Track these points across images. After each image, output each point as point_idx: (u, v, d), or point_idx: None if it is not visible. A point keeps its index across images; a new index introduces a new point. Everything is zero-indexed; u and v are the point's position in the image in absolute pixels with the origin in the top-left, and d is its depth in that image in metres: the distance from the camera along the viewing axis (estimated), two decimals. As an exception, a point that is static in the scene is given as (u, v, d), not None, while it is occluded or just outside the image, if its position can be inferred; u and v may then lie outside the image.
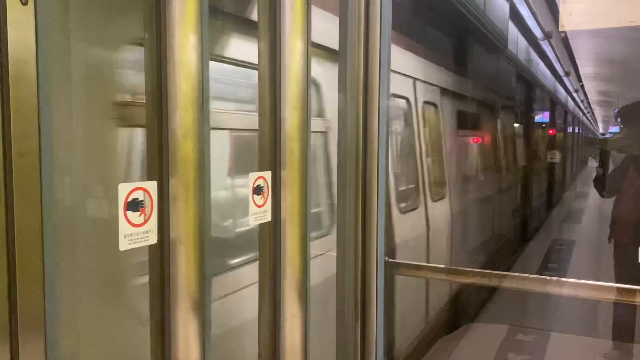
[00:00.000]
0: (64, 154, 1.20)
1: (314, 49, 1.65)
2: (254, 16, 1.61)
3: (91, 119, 1.30)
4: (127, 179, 1.18)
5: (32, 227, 0.98)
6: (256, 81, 1.54)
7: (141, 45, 1.22)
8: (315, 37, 1.65)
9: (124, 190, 1.15)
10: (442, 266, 2.22)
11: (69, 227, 1.23)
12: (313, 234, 2.90)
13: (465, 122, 5.81)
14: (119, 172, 1.36)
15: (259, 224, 1.57)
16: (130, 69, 1.34)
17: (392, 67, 2.05)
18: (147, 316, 1.28)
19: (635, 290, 1.87)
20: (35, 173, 0.98)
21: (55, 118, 1.03)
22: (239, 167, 2.24)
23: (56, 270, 1.02)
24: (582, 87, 13.62)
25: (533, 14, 7.32)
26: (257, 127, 1.55)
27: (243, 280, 1.93)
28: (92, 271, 1.32)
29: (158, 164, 1.25)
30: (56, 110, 1.04)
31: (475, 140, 6.47)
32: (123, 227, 1.15)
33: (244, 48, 2.06)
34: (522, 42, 7.92)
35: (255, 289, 1.59)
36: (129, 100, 1.34)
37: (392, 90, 3.71)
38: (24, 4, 0.95)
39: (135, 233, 1.18)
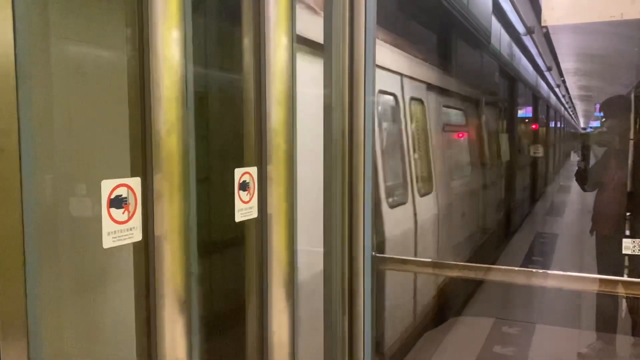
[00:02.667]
0: (45, 150, 1.18)
1: None
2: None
3: (72, 115, 1.28)
4: (109, 176, 1.16)
5: (12, 225, 0.96)
6: None
7: (123, 40, 1.20)
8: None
9: (107, 187, 1.14)
10: (429, 260, 2.24)
11: (50, 225, 1.21)
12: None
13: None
14: (101, 169, 1.33)
15: (245, 220, 1.56)
16: (112, 65, 1.32)
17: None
18: (133, 314, 1.27)
19: (617, 281, 1.90)
20: (15, 169, 0.96)
21: (35, 114, 1.01)
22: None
23: (37, 269, 1.00)
24: (564, 82, 13.80)
25: (515, 8, 7.39)
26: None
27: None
28: (75, 270, 1.30)
29: (142, 160, 1.23)
30: (36, 107, 1.02)
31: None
32: (106, 224, 1.14)
33: None
34: (505, 37, 7.98)
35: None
36: (111, 96, 1.32)
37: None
38: None
39: (119, 230, 1.17)
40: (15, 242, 0.96)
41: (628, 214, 3.78)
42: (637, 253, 1.98)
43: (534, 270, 1.93)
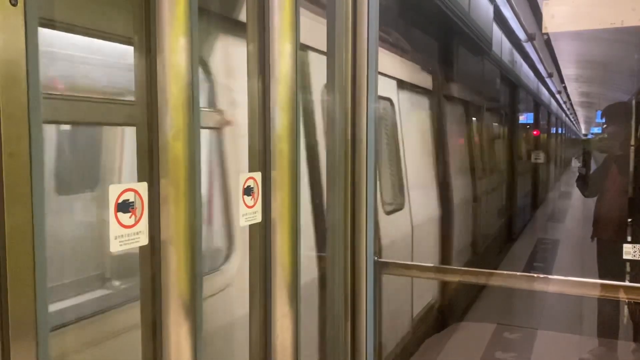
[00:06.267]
0: (54, 154, 1.19)
1: None
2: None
3: (81, 119, 1.30)
4: (116, 180, 1.18)
5: (22, 228, 0.97)
6: None
7: (131, 46, 1.22)
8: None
9: (115, 192, 1.15)
10: (431, 265, 2.25)
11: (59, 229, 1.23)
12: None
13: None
14: (109, 173, 1.35)
15: (250, 225, 1.58)
16: (119, 71, 1.34)
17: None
18: (138, 316, 1.28)
19: (619, 286, 1.91)
20: (25, 174, 0.97)
21: (44, 118, 1.02)
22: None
23: (47, 271, 1.02)
24: (565, 88, 13.82)
25: (516, 16, 7.42)
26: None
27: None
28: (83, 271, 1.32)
29: (148, 165, 1.25)
30: (45, 111, 1.04)
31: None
32: (114, 229, 1.15)
33: None
34: (506, 43, 8.01)
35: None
36: (118, 102, 1.34)
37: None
38: (14, 4, 0.95)
39: (126, 234, 1.18)
40: (25, 245, 0.97)
41: (629, 219, 3.79)
42: (637, 258, 1.99)
43: (535, 275, 1.94)
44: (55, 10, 1.21)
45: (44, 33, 1.05)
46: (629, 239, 3.72)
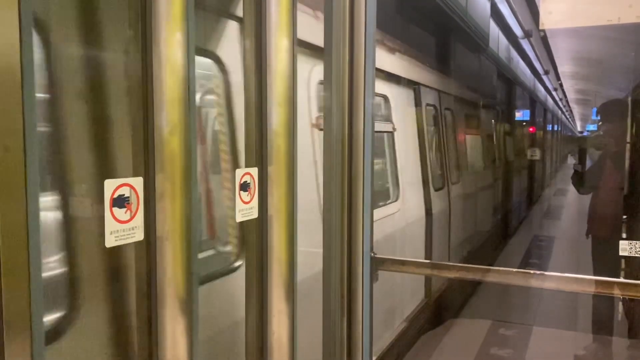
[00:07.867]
0: (49, 149, 1.18)
1: None
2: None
3: (76, 113, 1.29)
4: (111, 175, 1.17)
5: (16, 223, 0.97)
6: None
7: (127, 41, 1.22)
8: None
9: (110, 187, 1.15)
10: (427, 261, 2.25)
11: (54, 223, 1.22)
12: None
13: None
14: (104, 168, 1.35)
15: (246, 221, 1.57)
16: (115, 65, 1.33)
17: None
18: (134, 314, 1.28)
19: (613, 282, 1.92)
20: (19, 168, 0.96)
21: (40, 113, 1.02)
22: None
23: (41, 267, 1.01)
24: (561, 85, 13.84)
25: (513, 12, 7.42)
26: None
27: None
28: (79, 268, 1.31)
29: (144, 160, 1.24)
30: (40, 105, 1.03)
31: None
32: (109, 224, 1.15)
33: None
34: (503, 40, 8.01)
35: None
36: (114, 96, 1.33)
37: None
38: None
39: (122, 229, 1.18)
40: (19, 240, 0.96)
41: (624, 216, 3.80)
42: (633, 255, 2.00)
43: (531, 271, 1.95)
44: (50, 2, 1.20)
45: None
46: (624, 235, 3.73)
